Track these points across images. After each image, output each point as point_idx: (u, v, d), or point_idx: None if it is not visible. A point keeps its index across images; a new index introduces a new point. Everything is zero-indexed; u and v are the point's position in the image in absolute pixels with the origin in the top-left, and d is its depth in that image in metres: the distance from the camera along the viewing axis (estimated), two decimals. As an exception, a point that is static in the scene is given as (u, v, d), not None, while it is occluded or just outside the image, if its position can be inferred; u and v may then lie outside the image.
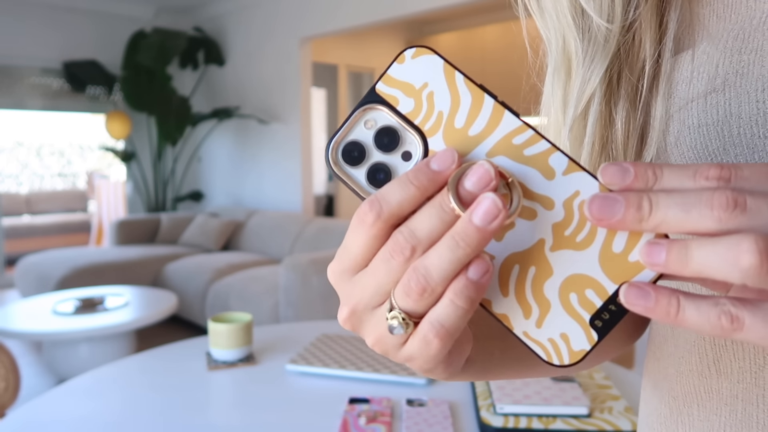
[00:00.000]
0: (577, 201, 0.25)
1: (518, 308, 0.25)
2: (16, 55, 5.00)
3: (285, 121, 4.91)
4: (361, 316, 0.28)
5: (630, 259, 0.24)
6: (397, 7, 3.86)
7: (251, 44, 5.16)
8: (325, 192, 7.01)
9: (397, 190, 0.25)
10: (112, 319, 2.77)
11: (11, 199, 7.96)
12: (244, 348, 1.31)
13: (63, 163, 9.34)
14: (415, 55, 0.26)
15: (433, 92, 0.26)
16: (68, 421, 1.03)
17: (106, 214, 6.52)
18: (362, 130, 0.27)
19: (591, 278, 0.25)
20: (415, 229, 0.25)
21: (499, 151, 0.25)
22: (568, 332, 0.25)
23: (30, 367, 3.30)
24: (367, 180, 0.27)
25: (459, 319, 0.25)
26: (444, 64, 0.26)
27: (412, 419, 1.00)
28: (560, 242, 0.25)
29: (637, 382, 1.17)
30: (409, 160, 0.26)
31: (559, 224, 0.25)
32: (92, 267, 3.94)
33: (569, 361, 0.25)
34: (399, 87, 0.26)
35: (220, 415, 1.05)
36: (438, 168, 0.25)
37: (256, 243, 4.51)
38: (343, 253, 0.27)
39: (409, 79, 0.26)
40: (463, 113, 0.26)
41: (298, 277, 2.96)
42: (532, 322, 0.25)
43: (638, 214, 0.23)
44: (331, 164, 0.27)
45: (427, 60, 0.26)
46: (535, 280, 0.25)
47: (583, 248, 0.25)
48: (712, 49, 0.33)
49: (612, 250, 0.24)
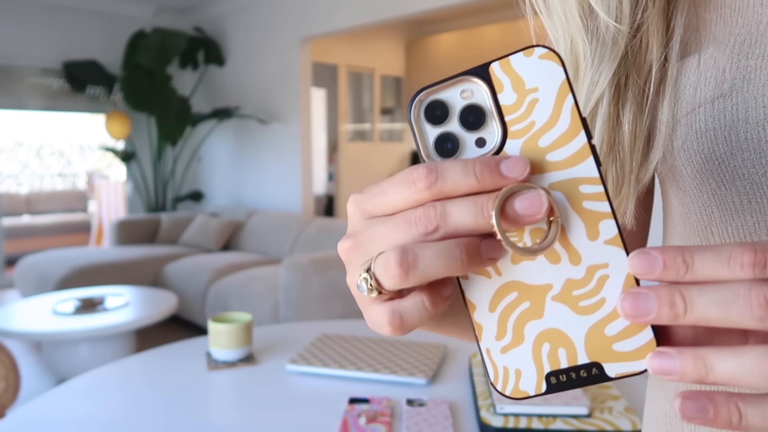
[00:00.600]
0: (600, 272, 0.25)
1: (494, 328, 0.26)
2: (16, 55, 5.00)
3: (285, 121, 4.91)
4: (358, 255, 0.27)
5: (614, 347, 0.25)
6: (397, 7, 3.86)
7: (251, 44, 5.16)
8: (325, 192, 7.01)
9: (458, 173, 0.25)
10: (112, 319, 2.77)
11: (11, 199, 7.96)
12: (244, 348, 1.31)
13: (63, 163, 9.34)
14: (543, 56, 0.25)
15: (538, 99, 0.25)
16: (68, 421, 1.03)
17: (106, 214, 6.52)
18: (455, 96, 0.26)
19: (570, 341, 0.25)
20: (448, 214, 0.25)
21: (562, 188, 0.25)
22: (524, 372, 0.26)
23: (30, 367, 3.30)
24: (434, 141, 0.26)
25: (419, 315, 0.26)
26: (564, 80, 0.25)
27: (412, 419, 1.00)
28: (564, 297, 0.25)
29: (636, 382, 1.17)
30: (481, 147, 0.26)
31: (573, 282, 0.25)
32: (92, 267, 3.95)
33: (510, 394, 0.26)
34: (512, 77, 0.25)
35: (220, 415, 1.05)
36: (507, 173, 0.24)
37: (256, 243, 4.51)
38: (376, 195, 0.27)
39: (524, 75, 0.25)
40: (552, 135, 0.25)
41: (298, 277, 2.96)
42: (499, 346, 0.26)
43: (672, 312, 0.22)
44: (411, 112, 0.26)
45: (551, 68, 0.25)
46: (523, 314, 0.26)
47: (580, 314, 0.25)
48: (719, 54, 0.33)
49: (603, 331, 0.25)
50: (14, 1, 4.93)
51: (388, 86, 6.81)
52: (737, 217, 0.34)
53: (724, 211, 0.34)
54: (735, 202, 0.34)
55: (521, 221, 0.24)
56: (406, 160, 6.89)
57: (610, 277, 0.25)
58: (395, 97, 6.92)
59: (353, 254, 0.28)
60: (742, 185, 0.33)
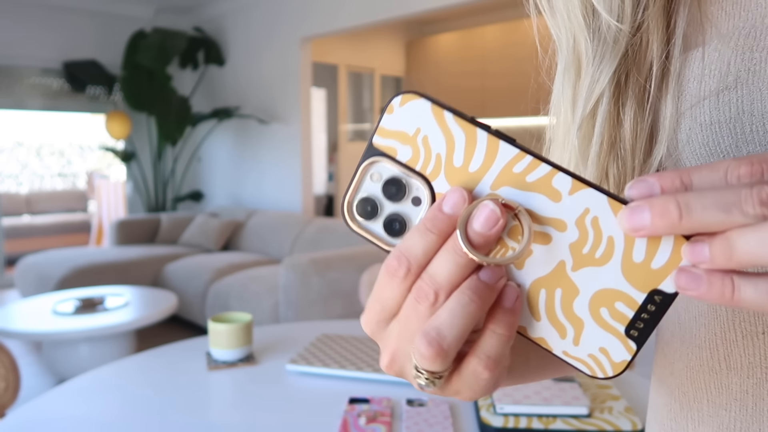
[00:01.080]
0: (588, 218, 0.25)
1: (553, 330, 0.26)
2: (16, 55, 5.00)
3: (285, 121, 4.91)
4: (401, 363, 0.28)
5: (653, 266, 0.24)
6: (397, 7, 3.86)
7: (251, 44, 5.16)
8: (325, 192, 7.01)
9: (419, 242, 0.26)
10: (112, 319, 2.77)
11: (11, 199, 7.96)
12: (244, 348, 1.30)
13: (63, 163, 9.34)
14: (402, 102, 0.26)
15: (427, 136, 0.26)
16: (68, 421, 1.02)
17: (106, 214, 6.52)
18: (370, 184, 0.27)
19: (618, 291, 0.25)
20: (435, 275, 0.25)
21: (502, 182, 0.26)
22: (607, 346, 0.25)
23: (30, 367, 3.30)
24: (385, 231, 0.27)
25: (502, 346, 0.26)
26: (431, 105, 0.26)
27: (412, 419, 1.00)
28: (580, 261, 0.25)
29: (636, 382, 1.17)
30: (419, 205, 0.27)
31: (575, 244, 0.25)
32: (92, 267, 3.94)
33: (613, 372, 0.26)
34: (394, 137, 0.27)
35: (220, 415, 1.05)
36: (451, 211, 0.25)
37: (256, 243, 4.51)
38: (375, 305, 0.28)
39: (402, 128, 0.26)
40: (459, 151, 0.26)
41: (298, 277, 2.96)
42: (569, 341, 0.26)
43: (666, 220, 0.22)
44: (348, 222, 0.28)
45: (415, 105, 0.26)
46: (563, 301, 0.26)
47: (604, 263, 0.25)
48: (723, 47, 0.33)
49: (633, 261, 0.25)
50: (14, 1, 4.93)
51: (388, 86, 6.81)
52: None
53: None
54: None
55: (491, 237, 0.25)
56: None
57: (599, 216, 0.25)
58: (395, 97, 6.92)
59: (399, 363, 0.28)
60: None
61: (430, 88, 6.44)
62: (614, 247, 0.25)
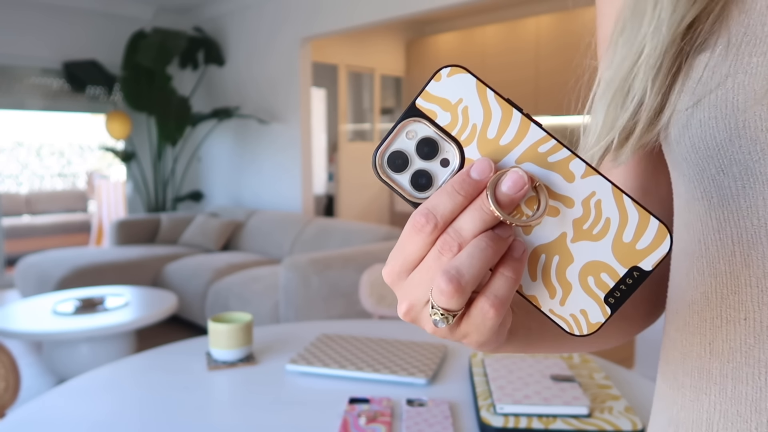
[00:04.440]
0: (593, 200, 0.29)
1: (545, 290, 0.30)
2: (16, 55, 5.00)
3: (285, 121, 4.91)
4: (418, 310, 0.31)
5: (637, 247, 0.29)
6: (397, 7, 3.86)
7: (251, 44, 5.16)
8: (325, 192, 7.01)
9: (447, 201, 0.28)
10: (112, 319, 2.77)
11: (11, 199, 7.96)
12: (244, 348, 1.30)
13: (63, 163, 9.34)
14: (450, 74, 0.29)
15: (467, 107, 0.29)
16: (68, 421, 1.02)
17: (106, 214, 6.52)
18: (404, 141, 0.30)
19: (605, 264, 0.29)
20: (461, 229, 0.28)
21: (527, 158, 0.29)
22: (587, 308, 0.29)
23: (30, 367, 3.30)
24: (410, 184, 0.30)
25: (509, 289, 0.29)
26: (476, 81, 0.29)
27: (412, 419, 1.00)
28: (579, 234, 0.29)
29: (636, 382, 1.17)
30: (447, 167, 0.30)
31: (578, 220, 0.29)
32: (92, 267, 3.94)
33: (587, 331, 0.30)
34: (437, 102, 0.29)
35: (220, 415, 1.05)
36: (478, 177, 0.28)
37: (256, 243, 4.51)
38: (399, 256, 0.30)
39: (445, 95, 0.29)
40: (494, 125, 0.29)
41: (298, 277, 2.96)
42: (556, 301, 0.30)
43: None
44: (377, 171, 0.30)
45: (461, 78, 0.29)
46: (558, 266, 0.30)
47: (599, 239, 0.29)
48: (726, 51, 0.35)
49: (623, 240, 0.29)
50: (14, 1, 4.93)
51: (388, 86, 6.81)
52: (732, 202, 0.36)
53: (722, 196, 0.36)
54: (731, 187, 0.35)
55: (516, 199, 0.28)
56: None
57: (602, 200, 0.29)
58: (395, 97, 6.92)
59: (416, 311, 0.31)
60: (738, 171, 0.35)
61: (430, 88, 6.43)
62: (609, 227, 0.29)
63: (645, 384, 1.17)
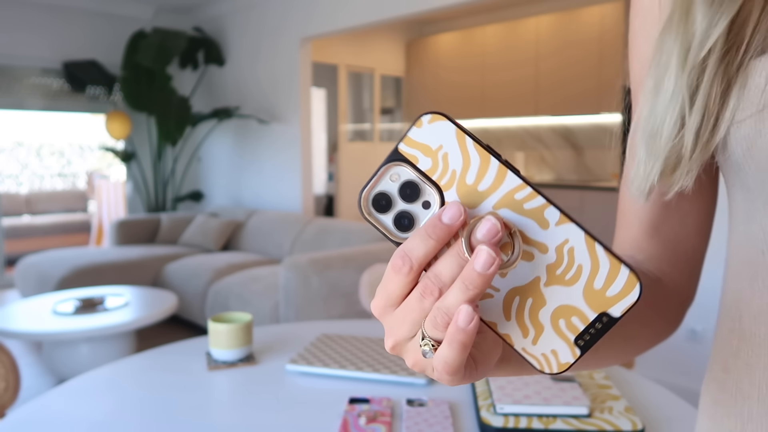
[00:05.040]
0: (567, 247, 0.30)
1: (518, 330, 0.31)
2: (16, 55, 5.00)
3: (285, 121, 4.91)
4: (402, 345, 0.33)
5: (607, 294, 0.30)
6: (397, 7, 3.86)
7: (251, 44, 5.16)
8: (325, 192, 7.01)
9: (420, 244, 0.30)
10: (112, 319, 2.77)
11: (11, 199, 7.96)
12: (244, 348, 1.30)
13: (63, 163, 9.34)
14: (431, 121, 0.30)
15: (447, 153, 0.30)
16: (68, 421, 1.02)
17: (106, 214, 6.52)
18: (388, 183, 0.31)
19: (576, 308, 0.30)
20: (440, 274, 0.30)
21: (503, 204, 0.30)
22: (557, 349, 0.31)
23: (30, 367, 3.30)
24: (394, 225, 0.31)
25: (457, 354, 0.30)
26: (456, 129, 0.30)
27: (412, 419, 1.00)
28: (552, 279, 0.30)
29: (636, 382, 1.17)
30: (428, 209, 0.31)
31: (552, 265, 0.30)
32: (92, 267, 3.94)
33: (557, 370, 0.31)
34: (418, 147, 0.31)
35: (220, 415, 1.05)
36: (449, 222, 0.29)
37: (256, 243, 4.51)
38: (383, 292, 0.32)
39: (426, 141, 0.30)
40: (473, 172, 0.30)
41: (298, 277, 2.96)
42: (529, 340, 0.31)
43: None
44: (363, 211, 0.32)
45: (442, 125, 0.30)
46: (531, 308, 0.31)
47: (571, 284, 0.30)
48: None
49: (593, 287, 0.30)
50: (14, 1, 4.93)
51: (388, 86, 6.81)
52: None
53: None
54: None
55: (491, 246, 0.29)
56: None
57: (575, 247, 0.30)
58: (395, 97, 6.92)
59: (400, 345, 0.33)
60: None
61: (430, 88, 6.44)
62: (581, 274, 0.30)
63: (645, 384, 1.17)
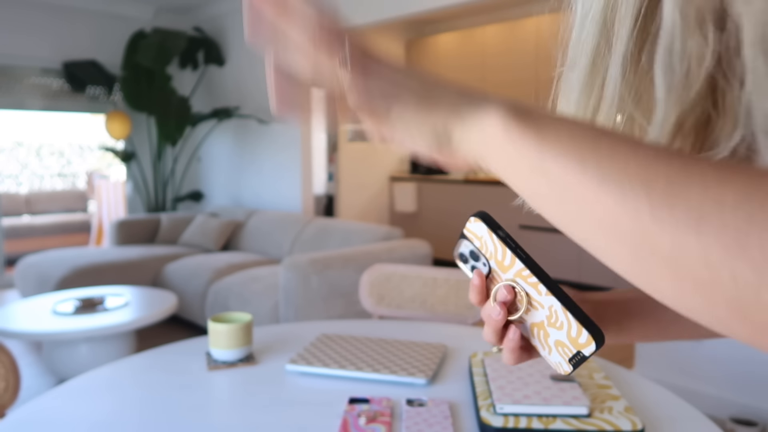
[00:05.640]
0: (552, 308, 0.45)
1: (540, 345, 0.47)
2: (16, 55, 5.00)
3: (285, 121, 4.91)
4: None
5: (579, 341, 0.44)
6: (397, 7, 3.86)
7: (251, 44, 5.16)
8: (325, 192, 7.00)
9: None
10: (112, 319, 2.77)
11: (11, 199, 7.96)
12: (244, 348, 1.30)
13: (63, 163, 9.34)
14: (474, 221, 0.47)
15: (485, 241, 0.47)
16: (68, 421, 1.02)
17: (106, 214, 6.52)
18: (464, 247, 0.48)
19: (564, 343, 0.45)
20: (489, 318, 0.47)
21: (517, 276, 0.46)
22: (560, 362, 0.46)
23: (30, 367, 3.30)
24: (470, 271, 0.48)
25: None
26: (487, 229, 0.46)
27: (412, 419, 1.00)
28: (550, 324, 0.45)
29: (636, 382, 1.17)
30: (485, 266, 0.47)
31: (548, 317, 0.45)
32: (92, 267, 3.94)
33: (563, 374, 0.46)
34: (472, 233, 0.47)
35: (219, 415, 1.05)
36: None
37: (255, 243, 4.51)
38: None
39: (475, 230, 0.47)
40: (499, 254, 0.46)
41: (297, 277, 2.96)
42: (545, 353, 0.47)
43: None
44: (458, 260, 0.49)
45: (479, 225, 0.47)
46: (543, 336, 0.46)
47: (559, 330, 0.45)
48: None
49: (571, 335, 0.44)
50: (14, 1, 4.93)
51: (388, 86, 6.80)
52: None
53: None
54: None
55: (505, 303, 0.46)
56: (405, 160, 6.89)
57: (557, 311, 0.44)
58: (395, 97, 6.91)
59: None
60: None
61: (430, 88, 6.43)
62: (563, 326, 0.44)
63: (645, 384, 1.17)
